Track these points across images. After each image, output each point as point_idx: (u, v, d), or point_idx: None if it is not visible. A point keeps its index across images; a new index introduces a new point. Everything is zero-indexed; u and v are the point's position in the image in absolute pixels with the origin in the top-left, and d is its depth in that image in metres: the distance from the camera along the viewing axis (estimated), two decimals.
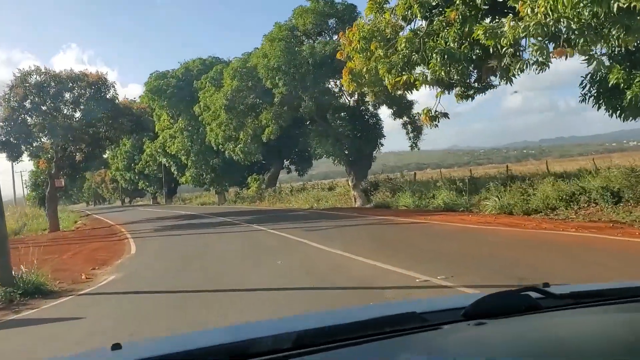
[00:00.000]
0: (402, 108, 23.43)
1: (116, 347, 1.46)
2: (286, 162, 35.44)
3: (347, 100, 25.07)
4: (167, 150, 39.24)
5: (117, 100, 22.12)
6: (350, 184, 24.87)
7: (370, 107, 25.04)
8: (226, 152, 33.43)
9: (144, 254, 12.65)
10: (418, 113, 20.55)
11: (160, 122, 41.28)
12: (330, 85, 24.48)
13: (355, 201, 24.31)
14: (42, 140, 21.53)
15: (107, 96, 21.44)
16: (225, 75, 26.95)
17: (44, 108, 20.49)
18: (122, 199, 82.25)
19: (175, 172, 42.82)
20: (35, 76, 19.97)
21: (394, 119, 24.04)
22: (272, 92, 23.02)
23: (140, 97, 39.63)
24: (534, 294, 1.58)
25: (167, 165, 43.25)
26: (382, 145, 24.91)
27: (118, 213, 40.18)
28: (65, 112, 21.10)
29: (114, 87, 21.76)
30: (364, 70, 13.79)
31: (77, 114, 21.24)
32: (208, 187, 41.30)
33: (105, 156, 50.58)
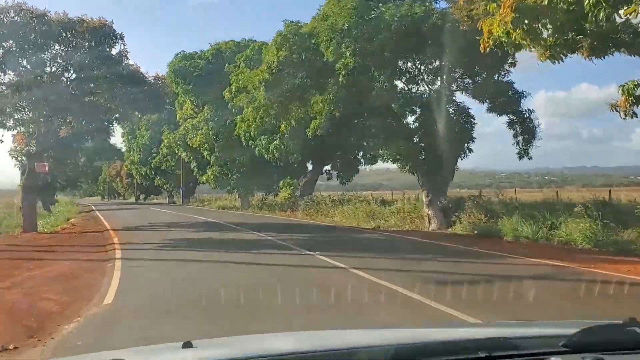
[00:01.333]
0: (509, 99, 17.22)
1: (187, 345, 1.48)
2: (326, 167, 29.34)
3: (426, 88, 18.91)
4: (188, 143, 33.52)
5: (125, 61, 16.34)
6: (424, 199, 18.61)
7: (458, 98, 18.83)
8: (257, 149, 27.56)
9: (126, 309, 6.56)
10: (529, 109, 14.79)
11: (183, 110, 35.65)
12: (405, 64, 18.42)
13: (429, 223, 18.06)
14: (20, 107, 15.85)
15: (112, 52, 15.72)
16: (268, 48, 21.04)
17: (23, 62, 14.85)
18: (136, 196, 77.06)
19: (196, 170, 37.05)
20: (12, 15, 14.23)
21: (493, 115, 17.79)
22: (334, 67, 16.96)
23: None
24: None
25: (186, 160, 37.49)
26: (470, 151, 18.62)
27: (126, 212, 34.51)
28: (52, 69, 15.41)
29: (121, 40, 15.98)
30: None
31: (68, 74, 15.53)
32: (231, 189, 35.39)
33: (111, 141, 45.35)
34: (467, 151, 18.62)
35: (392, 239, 15.45)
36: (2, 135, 16.48)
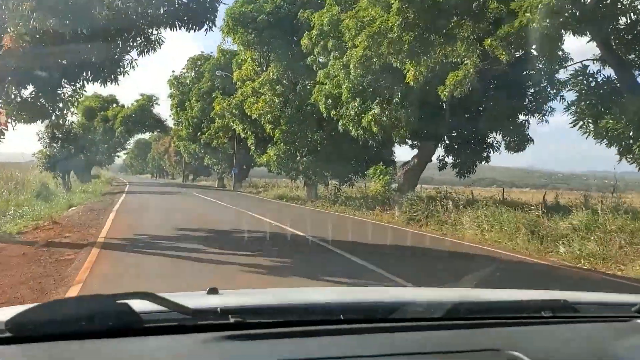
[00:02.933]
0: None
1: (213, 291, 1.50)
2: (440, 149, 20.37)
3: None
4: (247, 112, 25.65)
5: None
6: None
7: None
8: (341, 122, 19.34)
9: None
10: None
11: (242, 70, 27.79)
12: None
13: None
14: None
15: None
16: None
17: None
18: (184, 175, 70.86)
19: (254, 148, 29.13)
20: None
21: None
22: None
23: (220, 28, 26.00)
24: None
25: (243, 135, 29.59)
26: None
27: (161, 197, 27.13)
28: None
29: None
30: None
31: None
32: (295, 175, 27.32)
33: (155, 110, 38.06)
34: None
35: None
36: None
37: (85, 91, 11.96)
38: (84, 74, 10.34)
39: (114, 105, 42.54)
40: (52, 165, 26.38)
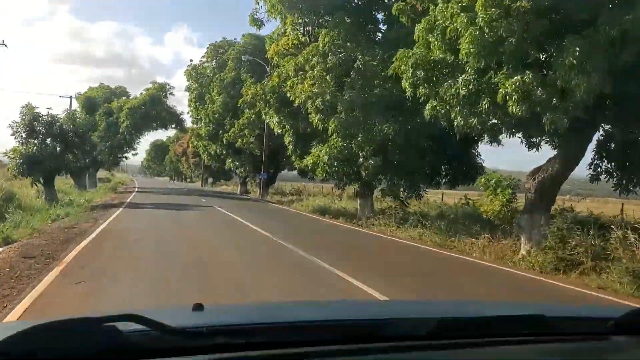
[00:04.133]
0: None
1: (198, 307, 1.46)
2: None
3: None
4: (288, 95, 18.68)
5: None
6: None
7: None
8: (429, 105, 12.37)
9: None
10: None
11: (280, 43, 20.82)
12: None
13: None
14: None
15: None
16: None
17: None
18: (202, 179, 64.29)
19: (291, 147, 22.07)
20: None
21: None
22: None
23: None
24: None
25: (278, 131, 22.49)
26: None
27: (167, 215, 20.34)
28: None
29: None
30: None
31: None
32: (351, 182, 20.35)
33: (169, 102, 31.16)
34: None
35: None
36: None
37: None
38: None
39: (124, 98, 35.97)
40: (30, 168, 19.80)
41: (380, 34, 19.11)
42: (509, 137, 13.39)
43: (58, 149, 21.23)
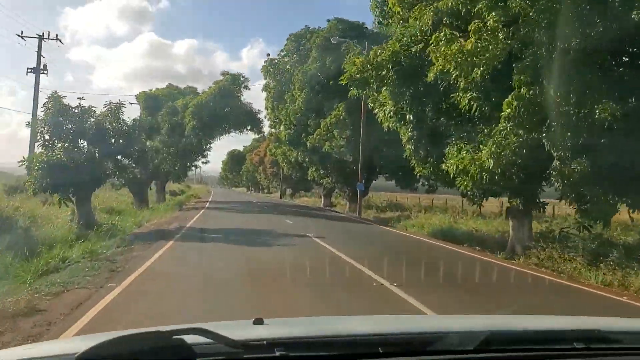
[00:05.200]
0: None
1: (258, 322, 1.53)
2: None
3: None
4: (430, 59, 11.67)
5: None
6: None
7: None
8: None
9: None
10: None
11: None
12: None
13: None
14: None
15: None
16: None
17: None
18: (282, 191, 58.72)
19: (411, 147, 14.97)
20: None
21: None
22: None
23: None
24: None
25: (391, 126, 15.43)
26: None
27: (238, 252, 14.09)
28: None
29: None
30: None
31: None
32: (501, 193, 12.93)
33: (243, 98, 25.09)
34: None
35: None
36: None
37: None
38: None
39: (190, 96, 30.61)
40: (56, 182, 14.33)
41: None
42: None
43: (97, 154, 15.68)
